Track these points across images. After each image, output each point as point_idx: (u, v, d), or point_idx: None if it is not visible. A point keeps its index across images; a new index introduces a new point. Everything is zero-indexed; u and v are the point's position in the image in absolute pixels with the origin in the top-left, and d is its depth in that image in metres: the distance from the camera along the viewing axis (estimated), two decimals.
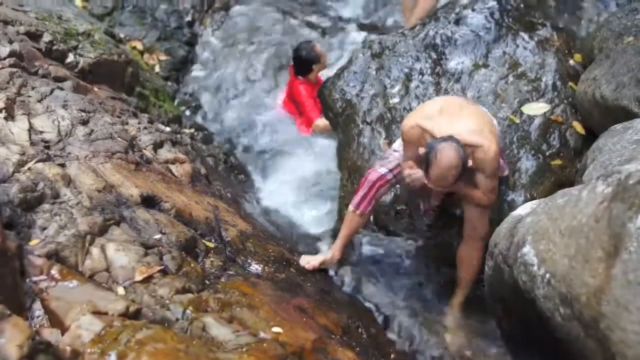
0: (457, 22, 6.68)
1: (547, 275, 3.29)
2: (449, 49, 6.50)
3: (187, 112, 7.97)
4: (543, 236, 3.41)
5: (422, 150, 4.84)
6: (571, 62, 6.27)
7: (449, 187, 4.91)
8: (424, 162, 4.73)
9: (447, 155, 4.59)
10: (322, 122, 7.24)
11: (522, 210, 4.15)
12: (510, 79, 6.15)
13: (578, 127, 5.77)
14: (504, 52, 6.37)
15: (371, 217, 5.79)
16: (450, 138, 4.65)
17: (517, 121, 5.83)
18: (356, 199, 5.33)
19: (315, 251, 5.76)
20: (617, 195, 2.94)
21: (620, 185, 2.97)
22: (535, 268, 3.39)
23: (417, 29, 6.81)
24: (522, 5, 6.74)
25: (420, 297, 5.53)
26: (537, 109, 5.90)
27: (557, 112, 5.87)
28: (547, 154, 5.69)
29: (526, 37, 6.42)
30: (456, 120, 4.87)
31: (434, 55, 6.49)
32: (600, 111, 5.32)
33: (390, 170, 5.27)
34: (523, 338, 4.17)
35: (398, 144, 5.37)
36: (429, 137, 4.84)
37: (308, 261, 5.31)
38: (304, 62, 7.73)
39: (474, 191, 4.97)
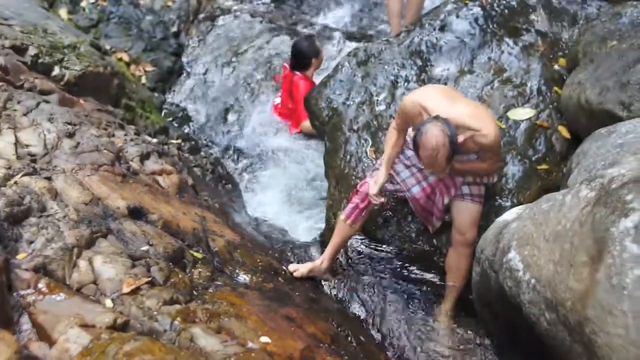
0: (442, 28, 6.70)
1: (532, 281, 3.31)
2: (434, 56, 6.52)
3: (174, 123, 7.97)
4: (528, 241, 3.43)
5: (411, 133, 4.89)
6: (556, 66, 6.29)
7: (444, 172, 4.92)
8: (414, 146, 4.74)
9: (432, 135, 4.54)
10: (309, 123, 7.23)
11: (508, 215, 4.17)
12: (496, 84, 6.18)
13: (564, 131, 5.79)
14: (489, 58, 6.39)
15: None
16: (436, 118, 4.64)
17: (503, 126, 5.85)
18: (348, 209, 5.36)
19: (303, 260, 5.76)
20: (600, 200, 2.96)
21: (603, 190, 2.99)
22: (520, 273, 3.41)
23: (402, 36, 6.83)
24: (506, 11, 6.76)
25: (410, 304, 5.53)
26: (522, 114, 5.93)
27: (542, 117, 5.90)
28: (534, 158, 5.71)
29: (511, 42, 6.45)
30: (456, 103, 4.87)
31: (419, 62, 6.51)
32: (585, 115, 5.34)
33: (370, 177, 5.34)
34: (510, 342, 4.19)
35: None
36: (426, 117, 4.84)
37: (297, 268, 5.33)
38: (303, 56, 7.74)
39: (476, 164, 5.03)
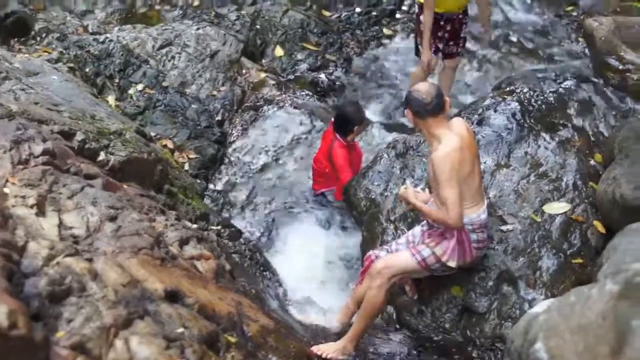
0: (480, 122, 6.81)
1: None
2: None
3: (215, 209, 8.06)
4: (554, 333, 3.45)
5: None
6: (592, 162, 6.36)
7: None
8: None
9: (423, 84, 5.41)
10: None
11: (538, 308, 4.20)
12: (532, 178, 6.25)
13: (599, 226, 5.83)
14: (526, 152, 6.48)
15: (394, 316, 5.88)
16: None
17: (539, 220, 5.91)
18: None
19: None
20: (623, 293, 3.00)
21: (627, 283, 3.03)
22: None
23: None
24: (543, 106, 6.87)
25: None
26: (558, 208, 5.98)
27: (578, 211, 5.96)
28: (568, 252, 5.75)
29: (547, 137, 6.54)
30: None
31: None
32: (620, 210, 5.37)
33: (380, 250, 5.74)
34: None
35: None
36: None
37: (319, 349, 5.43)
38: (347, 121, 7.65)
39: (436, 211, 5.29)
